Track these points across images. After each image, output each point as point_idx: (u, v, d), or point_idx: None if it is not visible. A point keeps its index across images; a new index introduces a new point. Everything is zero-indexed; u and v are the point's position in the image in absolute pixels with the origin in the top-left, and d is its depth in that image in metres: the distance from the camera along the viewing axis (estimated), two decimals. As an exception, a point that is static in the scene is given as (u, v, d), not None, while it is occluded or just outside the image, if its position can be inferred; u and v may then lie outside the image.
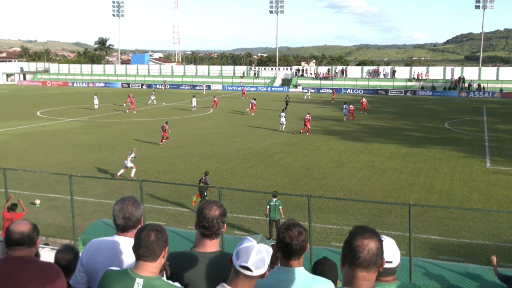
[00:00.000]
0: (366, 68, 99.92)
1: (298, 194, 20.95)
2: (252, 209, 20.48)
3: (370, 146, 35.31)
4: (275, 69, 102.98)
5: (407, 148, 34.50)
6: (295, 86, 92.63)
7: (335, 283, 4.40)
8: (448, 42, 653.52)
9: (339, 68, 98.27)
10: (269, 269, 3.30)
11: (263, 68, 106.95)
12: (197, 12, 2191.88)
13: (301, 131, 41.17)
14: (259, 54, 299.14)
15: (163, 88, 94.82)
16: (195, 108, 57.56)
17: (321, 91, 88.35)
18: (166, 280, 3.69)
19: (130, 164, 25.91)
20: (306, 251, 3.68)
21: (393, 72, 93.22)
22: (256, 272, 3.11)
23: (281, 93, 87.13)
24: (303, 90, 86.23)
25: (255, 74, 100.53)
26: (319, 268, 4.88)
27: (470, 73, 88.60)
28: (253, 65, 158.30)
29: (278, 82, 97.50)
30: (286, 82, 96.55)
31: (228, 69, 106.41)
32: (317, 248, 14.02)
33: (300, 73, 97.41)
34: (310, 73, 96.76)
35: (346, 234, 3.23)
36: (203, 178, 21.40)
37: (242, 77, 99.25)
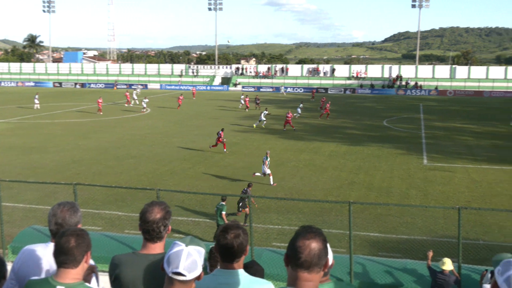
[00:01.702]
0: (306, 66, 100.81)
1: (239, 195, 20.63)
2: (191, 211, 20.03)
3: (310, 145, 35.45)
4: (215, 67, 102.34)
5: (347, 146, 34.83)
6: (235, 85, 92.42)
7: None
8: (386, 40, 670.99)
9: (279, 66, 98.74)
10: (208, 271, 3.04)
11: (202, 66, 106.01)
12: (133, 8, 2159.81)
13: (284, 128, 42.37)
14: (198, 52, 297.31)
15: (114, 88, 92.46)
16: (145, 110, 55.55)
17: (261, 89, 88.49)
18: (89, 285, 3.62)
19: (268, 171, 24.94)
20: (246, 253, 3.58)
21: (333, 70, 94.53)
22: (190, 276, 3.08)
23: (221, 92, 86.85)
24: (282, 90, 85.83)
25: (193, 72, 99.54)
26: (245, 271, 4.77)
27: (407, 71, 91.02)
28: (192, 63, 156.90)
29: (217, 80, 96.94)
30: (226, 80, 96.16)
31: (166, 68, 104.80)
32: (258, 249, 13.82)
33: (240, 71, 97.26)
34: (250, 72, 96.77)
35: (288, 234, 2.97)
36: (245, 189, 20.11)
37: (180, 76, 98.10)
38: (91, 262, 4.12)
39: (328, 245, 3.13)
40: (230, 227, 3.59)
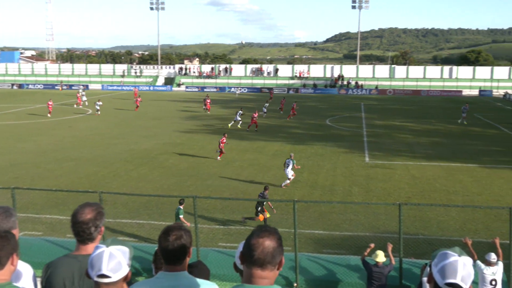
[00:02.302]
0: (249, 66, 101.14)
1: (183, 195, 20.46)
2: (136, 213, 19.72)
3: (255, 145, 35.60)
4: (158, 67, 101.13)
5: (291, 146, 35.17)
6: (179, 85, 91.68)
7: None
8: (327, 41, 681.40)
9: (222, 66, 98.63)
10: (153, 273, 2.98)
11: (145, 66, 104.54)
12: (72, 7, 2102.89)
13: (248, 128, 42.33)
14: (140, 52, 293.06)
15: (60, 89, 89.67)
16: (99, 112, 52.80)
17: (205, 90, 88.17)
18: (16, 285, 3.51)
19: (291, 172, 24.42)
20: (189, 255, 3.54)
21: (276, 70, 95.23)
22: (115, 277, 3.02)
23: (165, 92, 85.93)
24: (232, 90, 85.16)
25: (136, 73, 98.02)
26: (189, 271, 4.79)
27: (349, 71, 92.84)
28: (134, 63, 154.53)
29: (160, 81, 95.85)
30: (169, 81, 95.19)
31: (107, 68, 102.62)
32: (204, 250, 13.77)
33: (184, 71, 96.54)
34: (194, 72, 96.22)
35: (234, 234, 2.98)
36: (262, 192, 19.65)
37: (122, 76, 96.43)
38: (25, 265, 4.02)
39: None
40: (172, 229, 3.55)
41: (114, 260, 3.03)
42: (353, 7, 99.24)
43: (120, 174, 26.58)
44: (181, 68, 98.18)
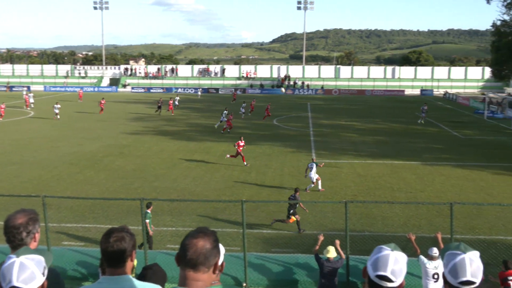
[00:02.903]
0: (196, 67, 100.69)
1: (130, 198, 20.19)
2: (81, 217, 19.31)
3: (202, 145, 35.46)
4: (102, 68, 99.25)
5: (239, 145, 35.16)
6: (124, 86, 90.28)
7: None
8: (274, 41, 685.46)
9: (169, 67, 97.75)
10: (100, 277, 2.91)
11: (89, 67, 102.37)
12: (11, 6, 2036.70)
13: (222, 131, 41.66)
14: (84, 53, 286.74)
15: (7, 90, 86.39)
16: (58, 116, 49.52)
17: (151, 90, 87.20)
18: None
19: (316, 176, 23.63)
20: (131, 258, 3.44)
21: (223, 70, 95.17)
22: (31, 286, 2.86)
23: (110, 93, 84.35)
24: (195, 91, 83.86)
25: (80, 73, 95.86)
26: (143, 273, 4.89)
27: (295, 71, 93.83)
28: (78, 64, 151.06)
29: (105, 81, 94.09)
30: (114, 81, 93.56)
31: (50, 69, 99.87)
32: (152, 252, 13.65)
33: (129, 72, 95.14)
34: (140, 72, 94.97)
35: (182, 235, 2.96)
36: (293, 195, 19.12)
37: (66, 77, 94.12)
38: None
39: (220, 247, 3.13)
40: (113, 231, 3.48)
41: (26, 270, 2.86)
42: (299, 8, 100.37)
43: (64, 177, 25.94)
44: (126, 69, 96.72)
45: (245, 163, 28.76)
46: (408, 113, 56.37)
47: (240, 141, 29.37)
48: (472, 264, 2.78)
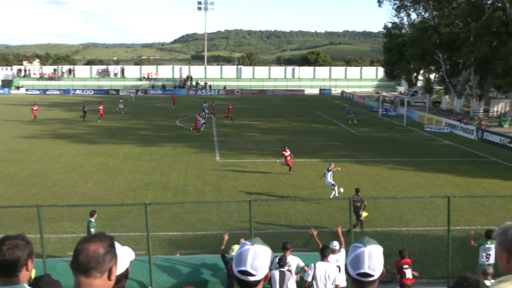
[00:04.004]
0: (95, 67, 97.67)
1: (26, 205, 19.29)
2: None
3: (104, 148, 34.52)
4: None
5: (142, 148, 34.65)
6: (18, 88, 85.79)
7: None
8: (175, 41, 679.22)
9: (66, 67, 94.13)
10: None
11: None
12: None
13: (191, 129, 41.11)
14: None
15: None
16: None
17: (47, 92, 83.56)
18: None
19: (332, 181, 22.16)
20: (27, 268, 3.26)
21: (123, 71, 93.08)
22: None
23: (2, 95, 79.87)
24: (130, 93, 79.89)
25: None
26: (34, 283, 4.63)
27: (197, 71, 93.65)
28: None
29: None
30: (6, 83, 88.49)
31: None
32: (52, 260, 13.14)
33: (23, 73, 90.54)
34: (34, 73, 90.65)
35: None
36: (357, 195, 18.33)
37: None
38: None
39: (118, 252, 3.05)
40: (7, 239, 3.29)
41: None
42: (199, 8, 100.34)
43: (-48, 186, 24.28)
44: (19, 70, 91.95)
45: (290, 172, 27.53)
46: (308, 112, 58.02)
47: (284, 151, 27.49)
48: (371, 257, 2.84)
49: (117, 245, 3.01)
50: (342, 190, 22.57)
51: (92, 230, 15.47)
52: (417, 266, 13.64)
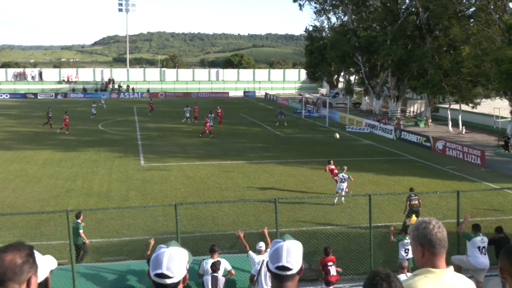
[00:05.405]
0: (11, 70, 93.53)
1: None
2: None
3: (21, 154, 33.17)
4: None
5: (62, 153, 33.56)
6: None
7: None
8: (95, 44, 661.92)
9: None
10: None
11: None
12: None
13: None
14: None
15: None
16: None
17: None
18: None
19: (344, 185, 21.07)
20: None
21: (40, 74, 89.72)
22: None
23: None
24: (100, 97, 75.40)
25: None
26: None
27: (119, 74, 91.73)
28: None
29: None
30: None
31: None
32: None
33: None
34: None
35: None
36: (413, 195, 17.76)
37: None
38: None
39: (38, 263, 2.96)
40: None
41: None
42: (120, 10, 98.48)
43: None
44: None
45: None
46: (232, 114, 58.23)
47: (330, 165, 24.49)
48: (290, 252, 2.96)
49: (37, 254, 2.93)
50: (340, 195, 21.96)
51: (81, 231, 15.16)
52: (341, 263, 14.04)
